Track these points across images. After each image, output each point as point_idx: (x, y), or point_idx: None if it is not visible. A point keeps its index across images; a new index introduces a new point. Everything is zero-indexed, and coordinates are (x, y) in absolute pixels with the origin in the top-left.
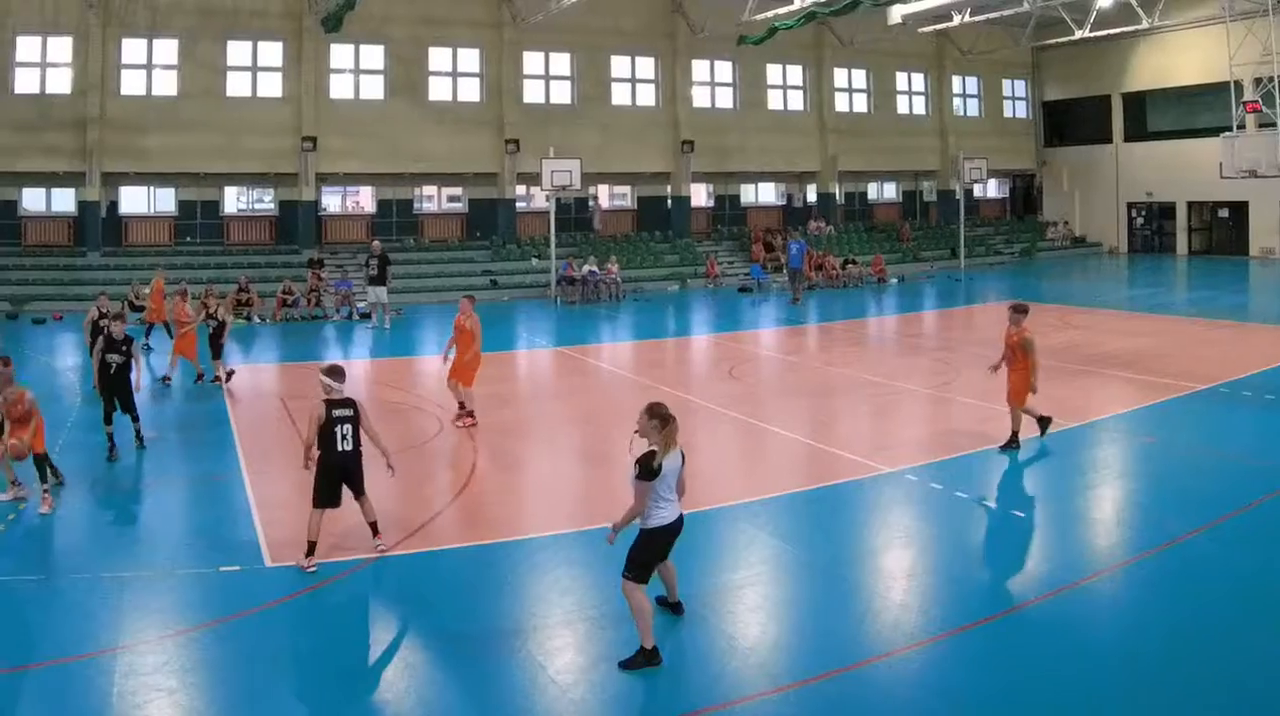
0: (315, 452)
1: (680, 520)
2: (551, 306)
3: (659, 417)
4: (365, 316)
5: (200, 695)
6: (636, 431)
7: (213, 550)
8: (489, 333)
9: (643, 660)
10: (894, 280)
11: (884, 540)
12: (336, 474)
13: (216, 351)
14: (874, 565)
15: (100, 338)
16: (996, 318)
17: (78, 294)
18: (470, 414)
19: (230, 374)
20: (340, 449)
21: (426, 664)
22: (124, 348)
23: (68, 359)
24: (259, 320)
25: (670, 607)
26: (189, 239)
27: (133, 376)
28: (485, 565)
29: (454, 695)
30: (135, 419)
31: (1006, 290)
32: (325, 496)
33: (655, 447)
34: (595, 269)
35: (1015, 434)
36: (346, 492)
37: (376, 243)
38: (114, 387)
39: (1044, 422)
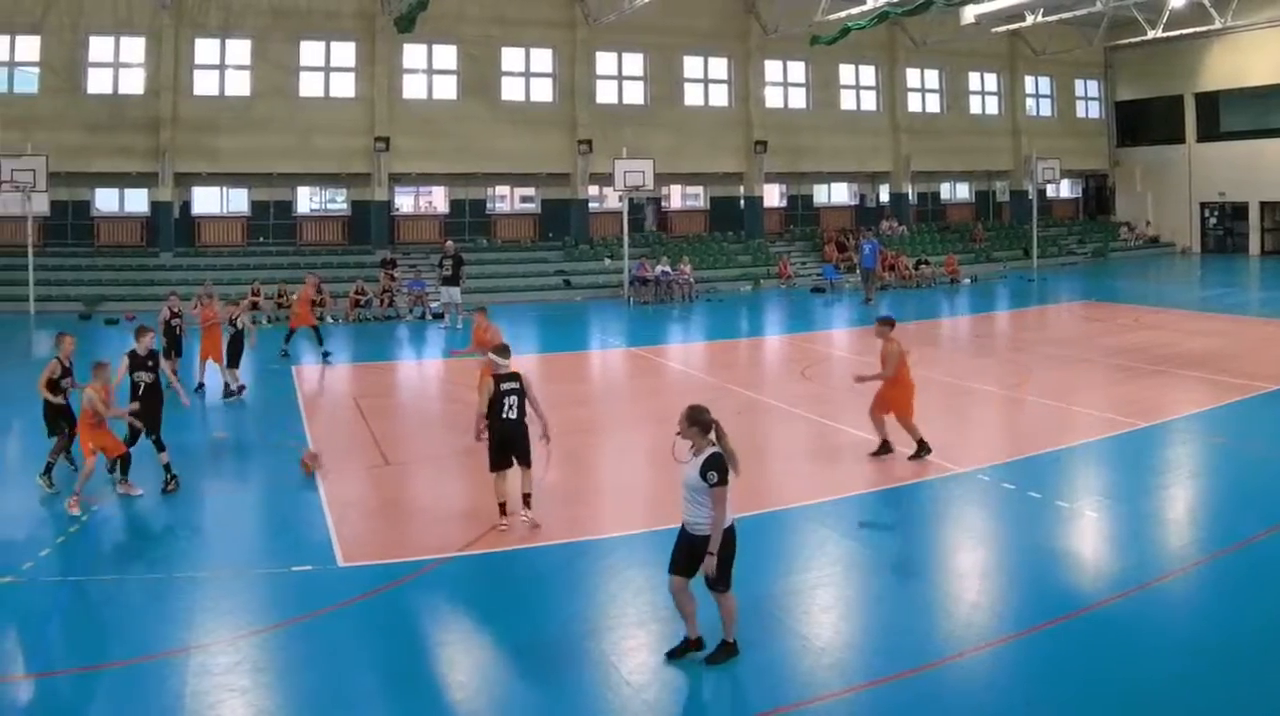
0: (484, 425)
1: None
2: (624, 307)
3: (699, 424)
4: (438, 316)
5: (272, 695)
6: (678, 433)
7: (285, 550)
8: (562, 332)
9: (725, 654)
10: (967, 280)
11: (956, 540)
12: (504, 438)
13: (232, 360)
14: (946, 565)
15: (127, 355)
16: (1069, 318)
17: (150, 294)
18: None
19: (242, 388)
20: (505, 417)
21: (499, 664)
22: (150, 364)
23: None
24: (332, 320)
25: (692, 646)
26: (262, 239)
27: (166, 391)
28: (557, 565)
29: (526, 695)
30: (161, 448)
31: (1080, 290)
32: (496, 461)
33: (718, 450)
34: (668, 269)
35: (920, 440)
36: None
37: (451, 243)
38: (143, 410)
39: (923, 446)
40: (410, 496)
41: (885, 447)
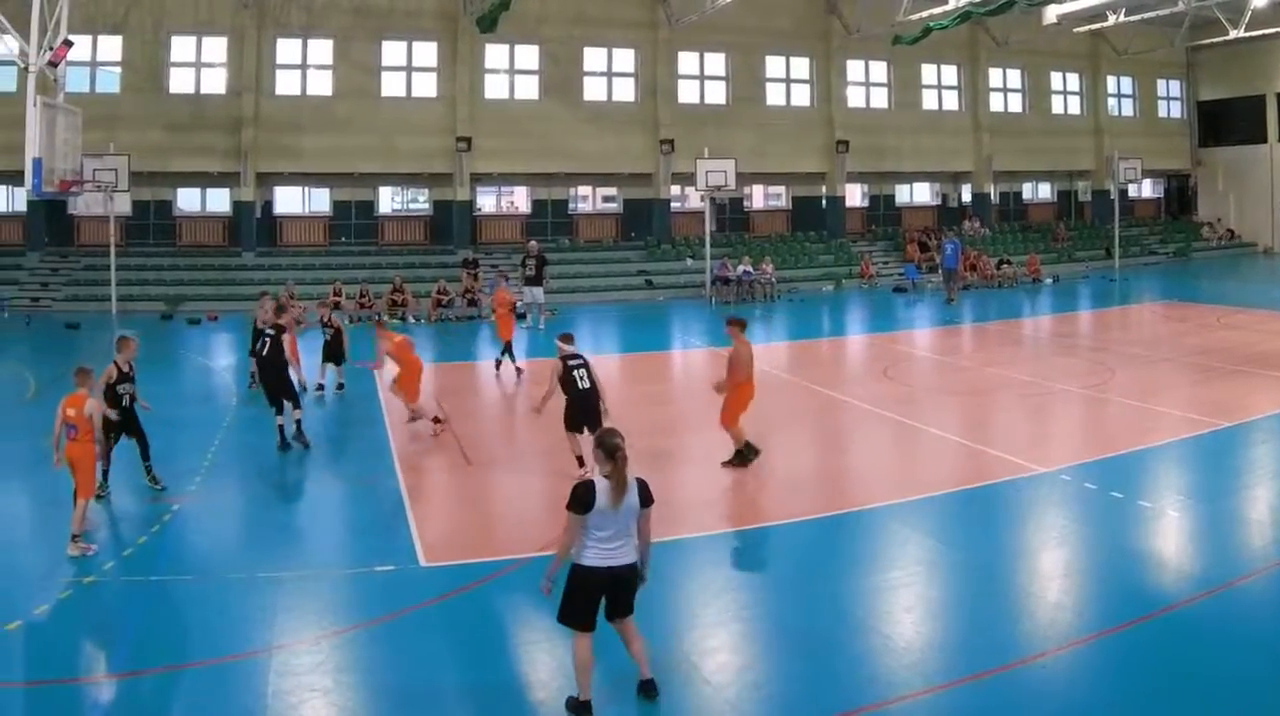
0: (545, 405)
1: (612, 571)
2: (706, 306)
3: (604, 448)
4: (520, 316)
5: (354, 695)
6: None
7: (368, 550)
8: (644, 333)
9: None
10: (1049, 280)
11: (1038, 540)
12: (579, 405)
13: (337, 359)
14: (1028, 565)
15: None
16: (1151, 318)
17: (232, 294)
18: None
19: (341, 385)
20: (580, 387)
21: None
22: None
23: (221, 359)
24: (414, 320)
25: (641, 688)
26: (343, 239)
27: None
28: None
29: (608, 695)
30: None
31: (1161, 290)
32: (572, 423)
33: (597, 477)
34: (750, 269)
35: (740, 449)
36: None
37: (534, 243)
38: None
39: (745, 453)
40: (492, 496)
41: (747, 453)
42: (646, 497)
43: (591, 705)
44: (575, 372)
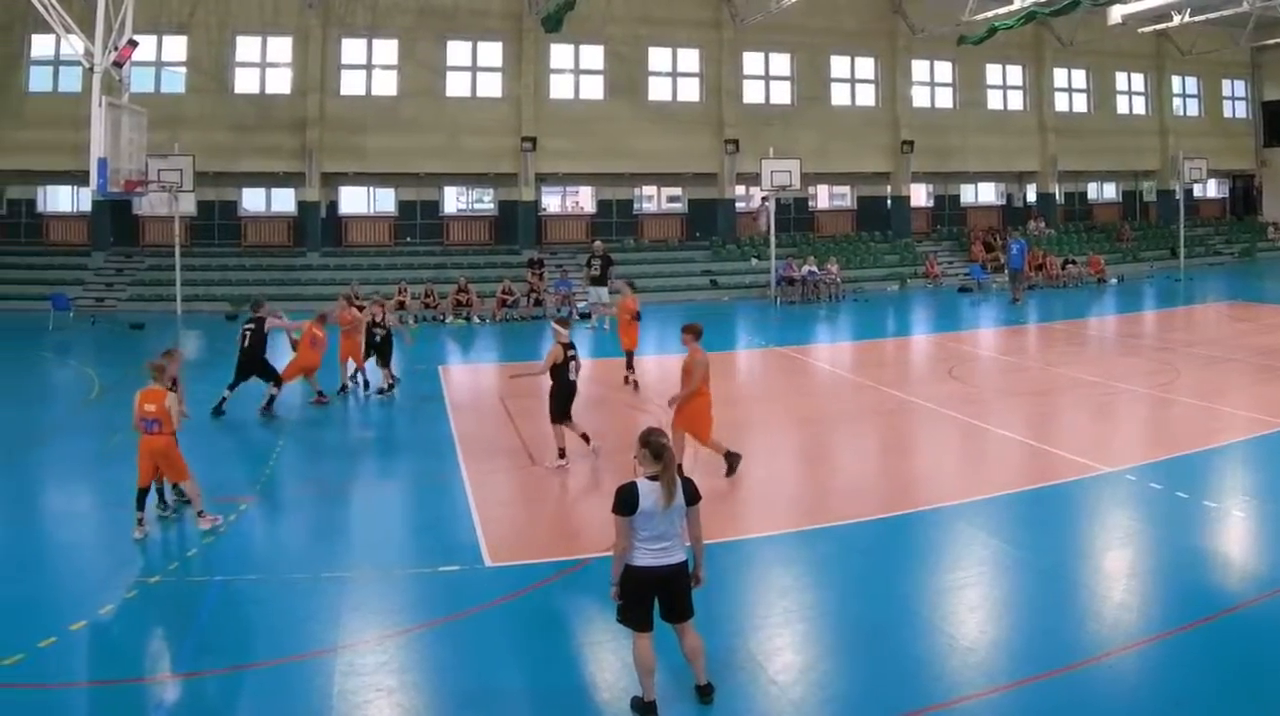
0: (518, 382)
1: (662, 571)
2: (771, 306)
3: (651, 448)
4: (585, 316)
5: (420, 695)
6: (635, 457)
7: (432, 550)
8: (709, 332)
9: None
10: (1114, 280)
11: (1103, 540)
12: (567, 395)
13: (383, 359)
14: (1093, 565)
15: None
16: (1216, 318)
17: (297, 294)
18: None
19: (392, 385)
20: (570, 378)
21: None
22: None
23: (285, 359)
24: (479, 321)
25: (698, 693)
26: (408, 239)
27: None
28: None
29: (674, 695)
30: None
31: (1226, 290)
32: (560, 414)
33: (639, 478)
34: (815, 269)
35: (727, 457)
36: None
37: (599, 243)
38: None
39: (731, 460)
40: (557, 496)
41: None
42: (693, 495)
43: (656, 706)
44: (571, 362)
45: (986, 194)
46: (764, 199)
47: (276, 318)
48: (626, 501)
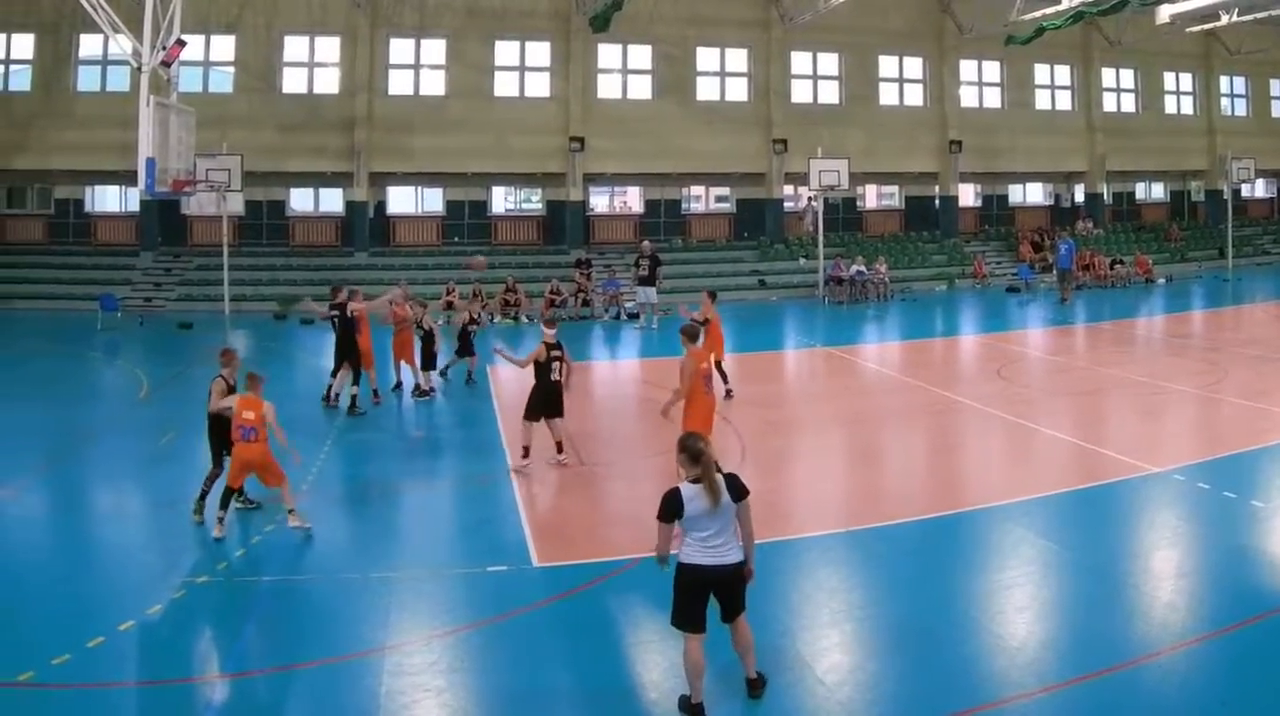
0: (513, 361)
1: (719, 569)
2: (819, 306)
3: (689, 452)
4: (633, 316)
5: (468, 695)
6: (677, 463)
7: (480, 550)
8: (758, 332)
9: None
10: (1162, 280)
11: (1151, 540)
12: (544, 395)
13: (427, 361)
14: (1141, 565)
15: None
16: (1265, 318)
17: None
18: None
19: (432, 390)
20: (552, 378)
21: None
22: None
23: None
24: (527, 320)
25: (748, 686)
26: (456, 239)
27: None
28: None
29: (721, 695)
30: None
31: (1275, 290)
32: (532, 412)
33: (682, 483)
34: (863, 269)
35: None
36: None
37: (647, 243)
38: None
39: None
40: (606, 496)
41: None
42: (740, 491)
43: (704, 708)
44: (553, 363)
45: (1034, 194)
46: (810, 199)
47: (357, 301)
48: (671, 507)
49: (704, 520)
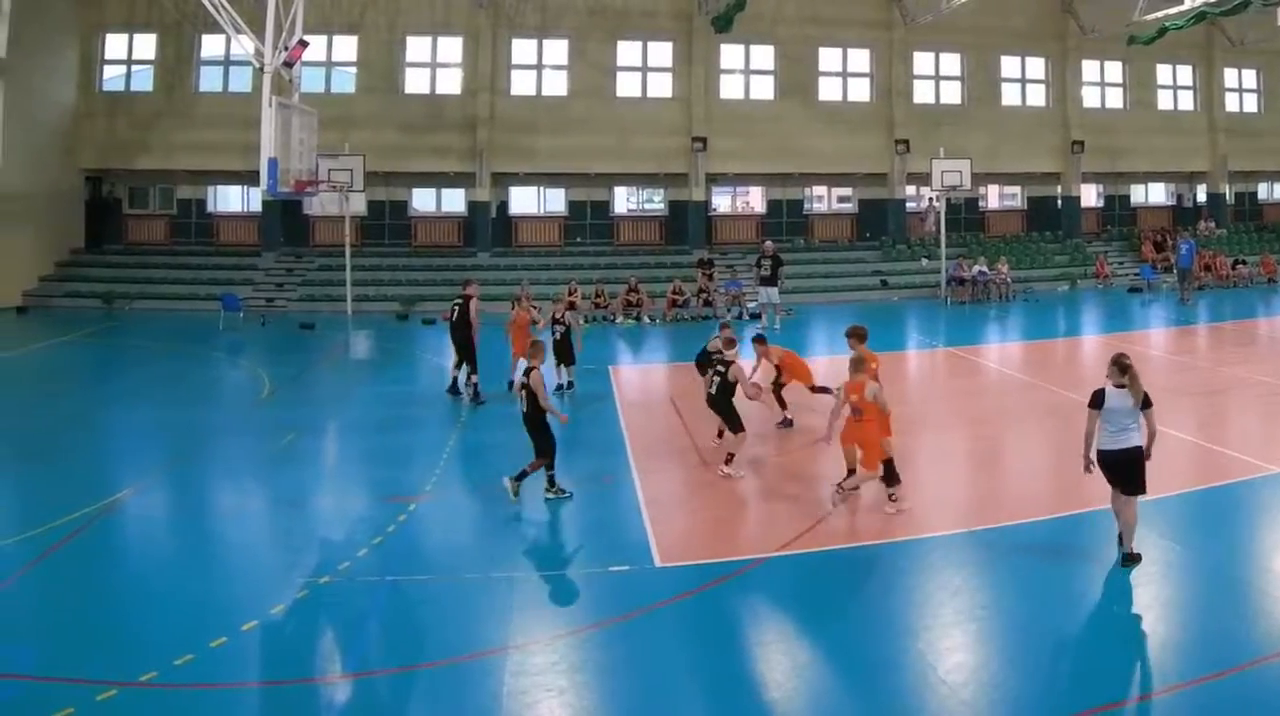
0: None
1: (1120, 452)
2: (941, 306)
3: (1119, 365)
4: (755, 316)
5: (590, 695)
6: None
7: (602, 550)
8: (879, 333)
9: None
10: None
11: (1275, 540)
12: (556, 348)
13: (566, 358)
14: (1265, 565)
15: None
16: None
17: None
18: None
19: (570, 383)
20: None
21: (815, 664)
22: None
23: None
24: (649, 321)
25: (1123, 559)
26: (578, 239)
27: None
28: (874, 565)
29: (843, 695)
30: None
31: None
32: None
33: (1108, 386)
34: (985, 269)
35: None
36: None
37: (769, 243)
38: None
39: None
40: (728, 496)
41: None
42: (1147, 401)
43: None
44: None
45: (1156, 194)
46: (931, 199)
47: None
48: (1096, 399)
49: (1116, 415)
